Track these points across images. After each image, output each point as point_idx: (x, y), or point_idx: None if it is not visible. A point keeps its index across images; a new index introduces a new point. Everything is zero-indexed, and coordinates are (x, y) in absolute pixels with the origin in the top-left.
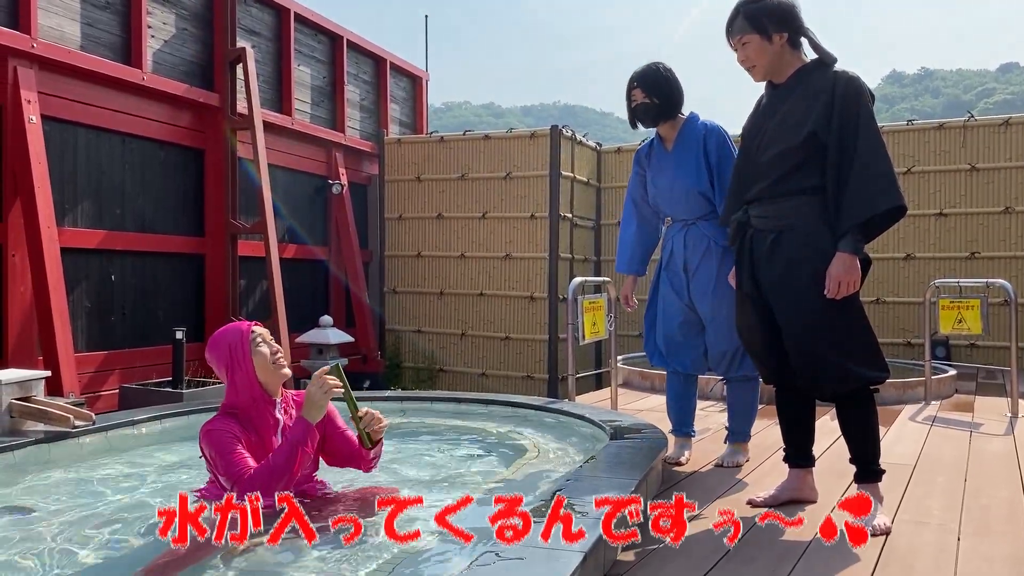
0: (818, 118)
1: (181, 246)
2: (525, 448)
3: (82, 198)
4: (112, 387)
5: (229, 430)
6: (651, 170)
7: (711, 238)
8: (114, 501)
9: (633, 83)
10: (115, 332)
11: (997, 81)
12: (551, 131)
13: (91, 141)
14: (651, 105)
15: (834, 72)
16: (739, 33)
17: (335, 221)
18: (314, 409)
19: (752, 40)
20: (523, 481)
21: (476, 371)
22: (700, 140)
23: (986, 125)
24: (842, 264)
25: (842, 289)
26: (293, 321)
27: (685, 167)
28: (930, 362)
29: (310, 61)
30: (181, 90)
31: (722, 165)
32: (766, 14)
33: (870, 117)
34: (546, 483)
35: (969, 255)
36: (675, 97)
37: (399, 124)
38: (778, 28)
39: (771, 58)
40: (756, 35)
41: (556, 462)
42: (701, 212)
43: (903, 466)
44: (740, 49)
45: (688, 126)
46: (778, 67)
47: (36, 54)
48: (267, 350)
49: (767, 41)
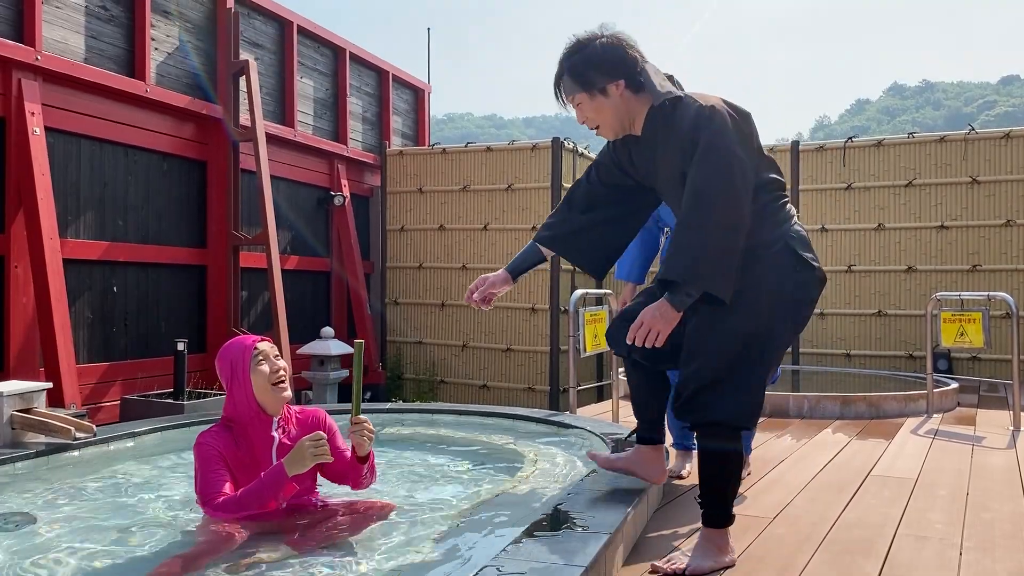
0: (684, 162)
1: (183, 257)
2: (526, 461)
3: (85, 209)
4: (114, 398)
5: (216, 446)
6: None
7: None
8: (115, 512)
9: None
10: (117, 343)
11: (998, 94)
12: (552, 143)
13: (94, 153)
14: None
15: (684, 105)
16: (569, 94)
17: (337, 232)
18: (297, 464)
19: (584, 99)
20: (523, 495)
21: (477, 383)
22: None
23: (987, 138)
24: (657, 310)
25: (648, 335)
26: (294, 332)
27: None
28: (932, 375)
29: (313, 73)
30: (184, 102)
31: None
32: (593, 66)
33: (705, 158)
34: (546, 497)
35: (970, 268)
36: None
37: (401, 136)
38: (611, 77)
39: (615, 112)
40: (585, 93)
41: (557, 475)
42: None
43: (904, 480)
44: (577, 111)
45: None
46: (627, 118)
47: (40, 66)
48: (267, 368)
49: (602, 96)
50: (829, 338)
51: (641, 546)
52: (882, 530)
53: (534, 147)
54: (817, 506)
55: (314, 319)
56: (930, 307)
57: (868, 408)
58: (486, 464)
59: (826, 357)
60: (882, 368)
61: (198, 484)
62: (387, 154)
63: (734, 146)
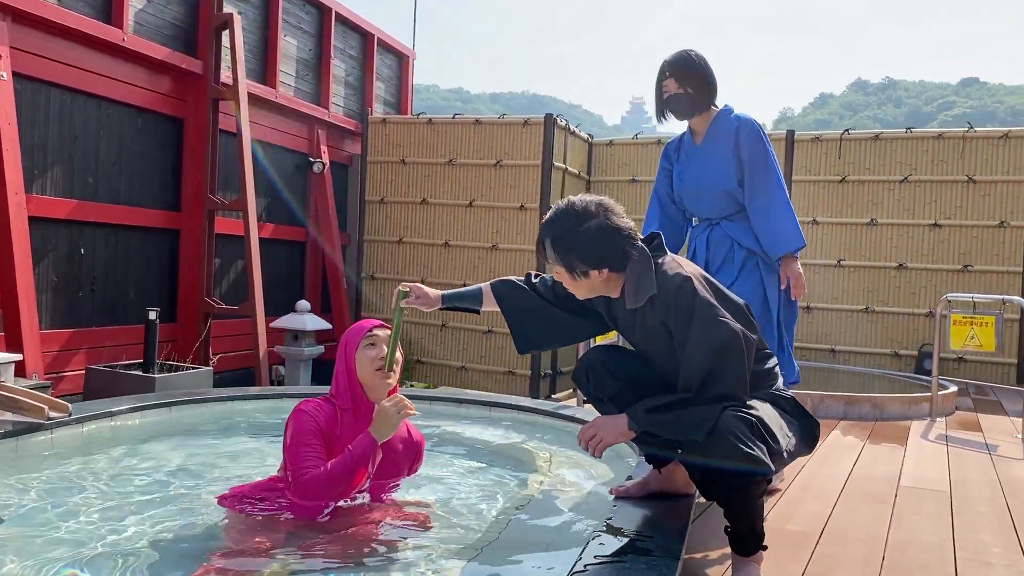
0: (669, 338)
1: (156, 220)
2: (536, 461)
3: (52, 164)
4: (77, 368)
5: (317, 418)
6: (679, 165)
7: (735, 240)
8: (88, 498)
9: (665, 72)
10: (82, 309)
11: (957, 95)
12: (545, 119)
13: (64, 103)
14: (685, 96)
15: (664, 285)
16: (551, 260)
17: (315, 201)
18: (385, 427)
19: (562, 273)
20: (544, 503)
21: (456, 364)
22: (732, 134)
23: (985, 137)
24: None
25: (590, 443)
26: (268, 304)
27: (713, 163)
28: (937, 378)
29: (297, 32)
30: (163, 54)
31: (754, 162)
32: (578, 255)
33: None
34: (574, 506)
35: (961, 268)
36: (710, 87)
37: (383, 103)
38: (596, 267)
39: (591, 289)
40: (565, 271)
41: (572, 480)
42: (727, 211)
43: (937, 492)
44: (555, 273)
45: (720, 119)
46: (604, 291)
47: (9, 4)
48: (374, 353)
49: (584, 278)
50: (814, 333)
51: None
52: (941, 553)
53: (525, 122)
54: (861, 520)
55: (288, 291)
56: (940, 308)
57: (872, 409)
58: (493, 465)
59: (811, 352)
60: (866, 366)
61: (289, 454)
62: (369, 121)
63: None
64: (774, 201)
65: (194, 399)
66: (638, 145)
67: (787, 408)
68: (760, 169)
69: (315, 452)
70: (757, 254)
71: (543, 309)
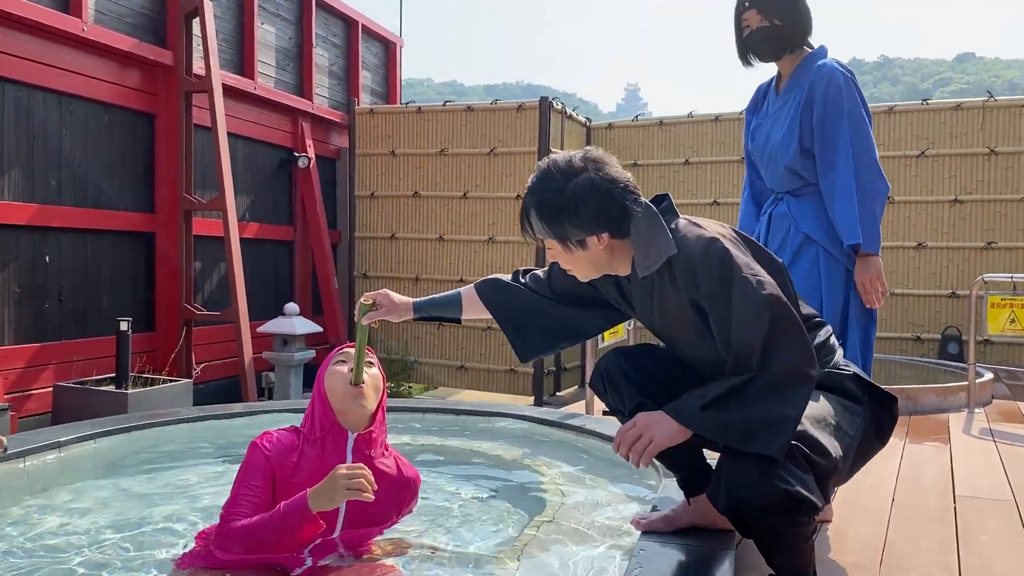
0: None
1: (128, 223)
2: (543, 481)
3: (10, 166)
4: (45, 385)
5: (271, 453)
6: (757, 117)
7: (794, 222)
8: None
9: (744, 2)
10: (49, 321)
11: (953, 70)
12: (540, 103)
13: (21, 99)
14: (771, 29)
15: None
16: (539, 236)
17: (301, 198)
18: (324, 496)
19: (555, 246)
20: (557, 541)
21: (455, 364)
22: (806, 88)
23: (1006, 107)
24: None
25: (635, 447)
26: (255, 309)
27: (780, 123)
28: (974, 365)
29: (275, 19)
30: (128, 45)
31: (826, 124)
32: (568, 217)
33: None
34: (591, 542)
35: (985, 245)
36: (801, 18)
37: (371, 93)
38: (592, 231)
39: (593, 264)
40: (558, 243)
41: (587, 506)
42: (790, 185)
43: (1000, 503)
44: (548, 252)
45: (805, 64)
46: (608, 267)
47: None
48: (343, 369)
49: (580, 248)
50: None
51: None
52: None
53: (520, 107)
54: (923, 545)
55: (276, 294)
56: (975, 289)
57: (906, 402)
58: (499, 489)
59: None
60: (888, 351)
61: (230, 494)
62: (356, 112)
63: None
64: (837, 182)
65: (153, 423)
66: (638, 127)
67: (848, 390)
68: (830, 137)
69: (253, 497)
70: (819, 244)
71: (540, 307)
